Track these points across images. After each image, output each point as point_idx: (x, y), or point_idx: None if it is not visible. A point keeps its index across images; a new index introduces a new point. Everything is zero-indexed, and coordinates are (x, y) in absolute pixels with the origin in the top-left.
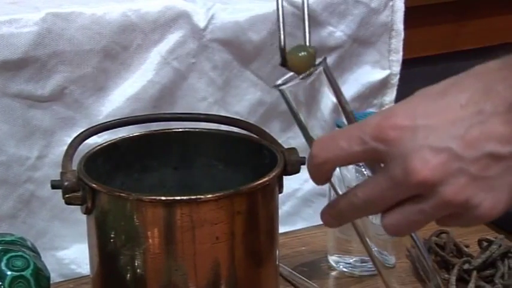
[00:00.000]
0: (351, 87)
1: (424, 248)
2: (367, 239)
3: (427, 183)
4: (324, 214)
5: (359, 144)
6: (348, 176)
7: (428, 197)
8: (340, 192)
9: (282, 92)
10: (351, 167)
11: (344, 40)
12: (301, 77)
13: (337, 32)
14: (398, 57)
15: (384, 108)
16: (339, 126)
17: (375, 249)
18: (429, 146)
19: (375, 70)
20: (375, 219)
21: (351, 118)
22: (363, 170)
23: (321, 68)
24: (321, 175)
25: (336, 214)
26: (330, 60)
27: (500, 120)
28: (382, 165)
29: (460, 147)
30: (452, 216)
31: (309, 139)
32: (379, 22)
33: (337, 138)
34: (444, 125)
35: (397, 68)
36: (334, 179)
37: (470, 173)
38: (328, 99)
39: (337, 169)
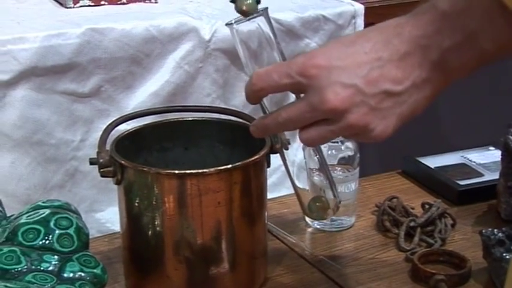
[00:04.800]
0: None
1: (326, 162)
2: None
3: (337, 110)
4: (253, 125)
5: (287, 78)
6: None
7: (337, 121)
8: (268, 112)
9: (230, 29)
10: (323, 146)
11: None
12: (247, 19)
13: (312, 43)
14: None
15: (307, 51)
16: None
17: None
18: (340, 82)
19: None
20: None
21: (282, 54)
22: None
23: (261, 16)
24: (255, 98)
25: (262, 127)
26: None
27: (394, 65)
28: (302, 95)
29: (363, 85)
30: (353, 135)
31: (249, 72)
32: (345, 35)
33: (271, 72)
34: (352, 67)
35: None
36: (263, 101)
37: (370, 105)
38: (266, 39)
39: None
